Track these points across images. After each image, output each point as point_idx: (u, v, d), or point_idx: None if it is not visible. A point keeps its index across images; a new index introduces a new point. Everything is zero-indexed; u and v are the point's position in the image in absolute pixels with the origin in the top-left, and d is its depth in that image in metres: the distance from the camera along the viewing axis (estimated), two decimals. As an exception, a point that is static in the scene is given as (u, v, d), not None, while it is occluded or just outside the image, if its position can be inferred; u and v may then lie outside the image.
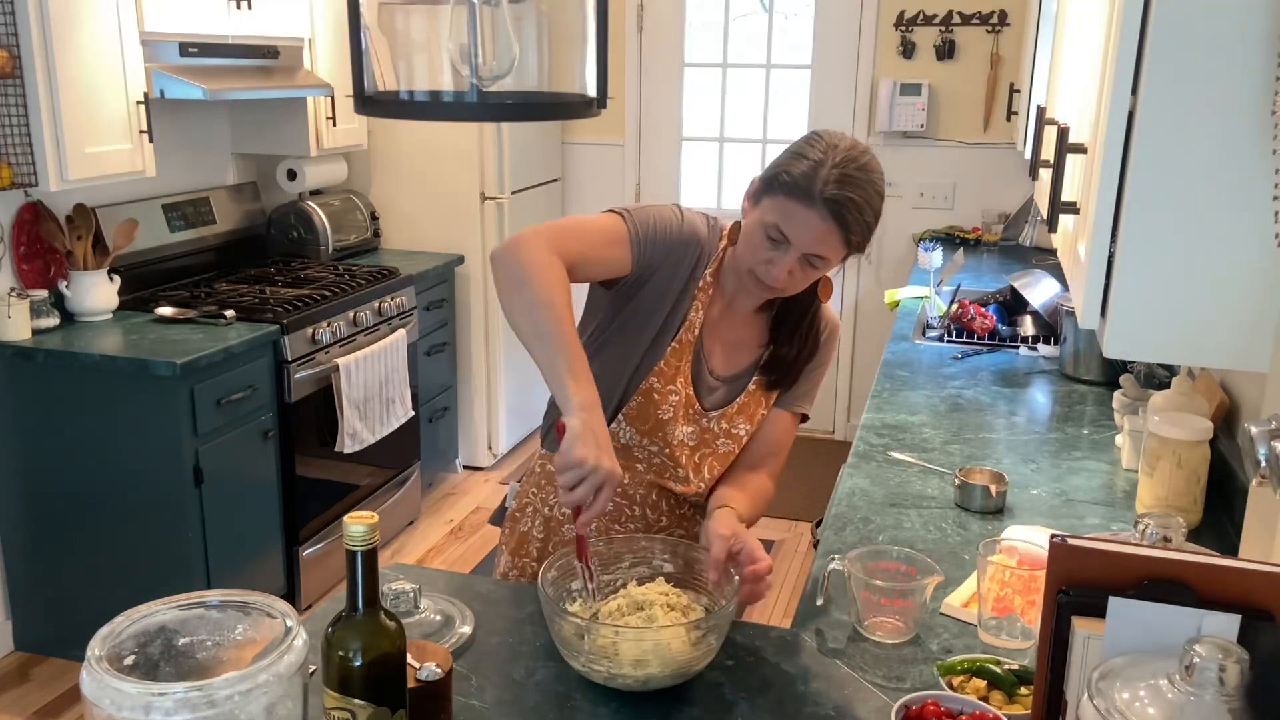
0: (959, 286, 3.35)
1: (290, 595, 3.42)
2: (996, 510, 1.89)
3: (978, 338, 3.05)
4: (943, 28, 4.61)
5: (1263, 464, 1.03)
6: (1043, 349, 2.94)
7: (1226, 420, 1.98)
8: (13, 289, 3.03)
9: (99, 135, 2.95)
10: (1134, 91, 1.12)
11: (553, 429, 1.66)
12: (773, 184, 1.50)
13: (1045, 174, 1.64)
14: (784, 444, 1.74)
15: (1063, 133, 1.39)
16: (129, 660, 1.01)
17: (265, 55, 3.59)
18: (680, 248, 1.60)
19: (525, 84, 1.32)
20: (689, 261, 1.61)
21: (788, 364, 1.69)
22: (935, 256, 3.47)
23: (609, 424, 1.58)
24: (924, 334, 3.16)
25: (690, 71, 4.99)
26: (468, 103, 1.29)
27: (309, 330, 3.33)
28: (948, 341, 3.07)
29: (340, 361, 3.43)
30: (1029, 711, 1.16)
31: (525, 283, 1.44)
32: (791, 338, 1.68)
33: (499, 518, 1.84)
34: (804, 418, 1.77)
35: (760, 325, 1.69)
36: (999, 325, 3.08)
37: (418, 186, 4.41)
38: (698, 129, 5.05)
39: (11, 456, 3.02)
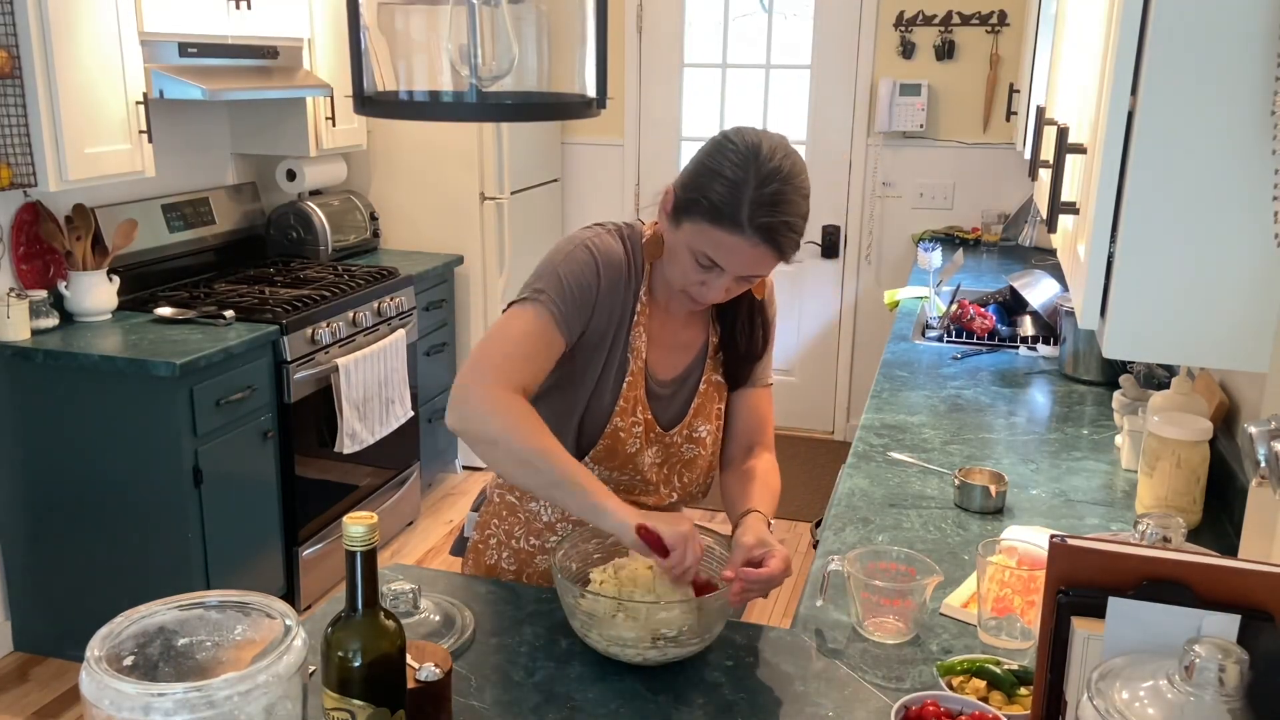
0: (959, 287, 3.35)
1: (290, 596, 3.42)
2: (996, 510, 1.89)
3: (977, 338, 3.05)
4: (942, 28, 4.61)
5: (1262, 464, 1.03)
6: (1042, 349, 2.94)
7: (1226, 420, 1.98)
8: (12, 289, 3.03)
9: (98, 135, 2.94)
10: (1133, 91, 1.12)
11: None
12: (694, 208, 1.42)
13: (1045, 174, 1.64)
14: (767, 416, 1.73)
15: (1062, 133, 1.39)
16: (128, 661, 1.01)
17: (265, 55, 3.59)
18: (606, 296, 1.54)
19: (525, 84, 1.32)
20: (620, 300, 1.56)
21: (743, 359, 1.67)
22: (935, 257, 3.47)
23: None
24: (924, 334, 3.16)
25: (690, 72, 4.99)
26: (467, 103, 1.29)
27: (308, 330, 3.33)
28: (947, 342, 3.07)
29: (340, 362, 3.43)
30: (1029, 712, 1.16)
31: (499, 439, 1.43)
32: (740, 335, 1.65)
33: (460, 548, 1.81)
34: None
35: (699, 322, 1.65)
36: (999, 325, 3.08)
37: (417, 187, 4.41)
38: (697, 129, 5.04)
39: (11, 456, 3.02)
